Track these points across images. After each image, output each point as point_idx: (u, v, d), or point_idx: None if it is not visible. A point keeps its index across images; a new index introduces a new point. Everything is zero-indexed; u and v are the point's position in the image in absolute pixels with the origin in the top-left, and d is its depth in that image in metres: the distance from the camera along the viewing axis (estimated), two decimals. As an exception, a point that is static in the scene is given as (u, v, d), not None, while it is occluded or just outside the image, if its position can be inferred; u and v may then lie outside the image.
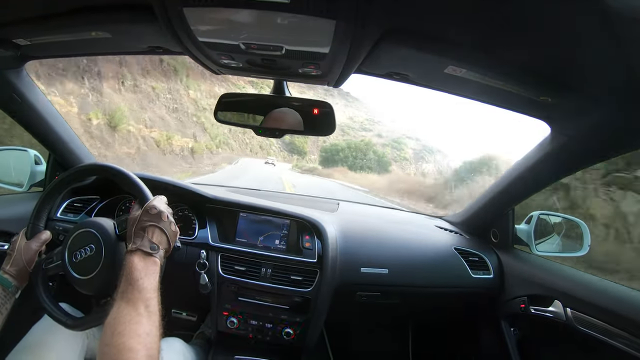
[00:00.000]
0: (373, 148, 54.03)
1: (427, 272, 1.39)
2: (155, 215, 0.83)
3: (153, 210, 0.84)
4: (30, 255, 0.94)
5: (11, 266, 0.91)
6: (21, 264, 0.92)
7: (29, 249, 0.94)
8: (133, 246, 0.79)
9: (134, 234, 0.81)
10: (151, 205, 0.85)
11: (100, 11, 0.74)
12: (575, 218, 1.33)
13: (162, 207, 0.86)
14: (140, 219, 0.83)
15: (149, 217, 0.83)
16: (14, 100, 1.15)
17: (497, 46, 0.69)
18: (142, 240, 0.79)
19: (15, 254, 0.92)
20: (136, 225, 0.82)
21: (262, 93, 1.07)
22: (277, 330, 1.28)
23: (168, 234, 0.84)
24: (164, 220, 0.84)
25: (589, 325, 1.05)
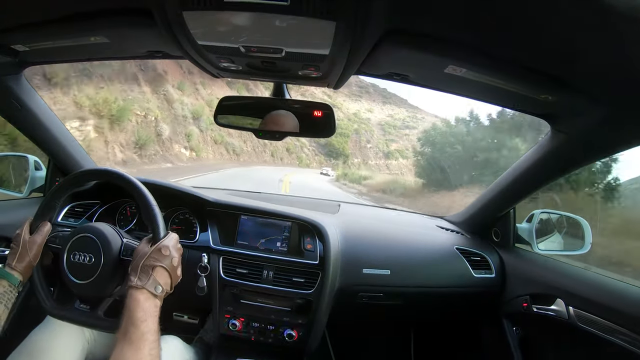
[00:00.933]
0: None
1: (429, 273, 1.39)
2: (166, 257, 0.82)
3: (165, 251, 0.83)
4: (36, 249, 0.93)
5: (17, 262, 0.91)
6: (27, 259, 0.92)
7: (34, 243, 0.93)
8: (139, 283, 0.77)
9: (140, 269, 0.80)
10: (164, 245, 0.84)
11: (98, 16, 0.74)
12: (576, 216, 1.33)
13: (173, 249, 0.85)
14: (150, 255, 0.81)
15: (160, 257, 0.82)
16: (13, 106, 1.14)
17: (497, 45, 0.69)
18: (148, 280, 0.78)
19: (21, 249, 0.92)
20: (145, 261, 0.81)
21: (262, 96, 1.07)
22: (279, 332, 1.28)
23: (172, 278, 0.83)
24: (173, 265, 0.83)
25: (592, 324, 1.04)
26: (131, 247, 0.92)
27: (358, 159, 44.24)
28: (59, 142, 1.34)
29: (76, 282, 0.90)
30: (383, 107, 54.66)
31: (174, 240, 0.88)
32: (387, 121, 53.20)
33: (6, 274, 0.89)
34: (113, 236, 0.93)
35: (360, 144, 46.08)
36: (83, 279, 0.90)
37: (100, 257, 0.89)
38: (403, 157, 45.29)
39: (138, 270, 0.79)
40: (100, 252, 0.90)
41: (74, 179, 1.03)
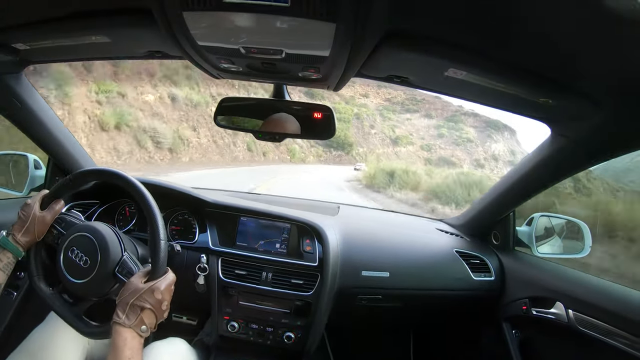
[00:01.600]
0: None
1: (428, 275, 1.38)
2: (157, 300, 0.80)
3: (158, 294, 0.80)
4: (43, 227, 0.94)
5: (23, 235, 0.91)
6: (33, 235, 0.92)
7: (43, 220, 0.93)
8: (127, 322, 0.76)
9: (129, 307, 0.77)
10: (158, 287, 0.81)
11: (99, 16, 0.74)
12: (575, 219, 1.33)
13: (166, 292, 0.82)
14: (142, 296, 0.79)
15: (151, 299, 0.79)
16: (13, 105, 1.15)
17: (497, 48, 0.69)
18: (136, 320, 0.76)
19: (29, 223, 0.91)
20: (135, 300, 0.78)
21: (262, 97, 1.07)
22: (278, 334, 1.28)
23: (158, 319, 0.82)
24: (162, 309, 0.81)
25: (591, 327, 1.04)
26: (128, 266, 0.89)
27: (364, 147, 38.05)
28: (59, 141, 1.34)
29: (68, 279, 0.91)
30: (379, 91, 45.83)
31: (169, 282, 0.84)
32: (385, 106, 45.41)
33: (12, 247, 0.89)
34: (114, 247, 0.91)
35: (363, 130, 40.01)
36: (75, 278, 0.90)
37: (96, 263, 0.89)
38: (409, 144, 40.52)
39: (127, 307, 0.77)
40: (97, 258, 0.89)
41: (92, 174, 1.02)
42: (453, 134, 41.05)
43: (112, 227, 0.97)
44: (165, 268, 0.86)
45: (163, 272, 0.84)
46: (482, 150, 38.53)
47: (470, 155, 36.62)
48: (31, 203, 0.94)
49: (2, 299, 1.38)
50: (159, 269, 0.84)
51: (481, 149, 38.53)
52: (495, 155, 36.99)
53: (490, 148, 38.90)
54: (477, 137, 40.78)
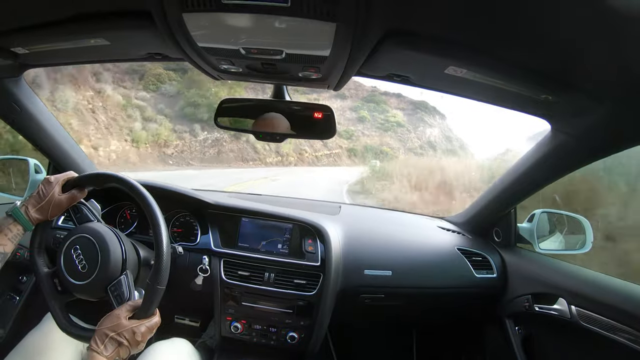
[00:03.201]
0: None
1: (430, 273, 1.38)
2: (135, 341, 0.79)
3: (138, 336, 0.80)
4: (58, 210, 0.92)
5: (36, 212, 0.90)
6: (45, 214, 0.91)
7: (60, 203, 0.92)
8: (104, 352, 0.76)
9: (108, 339, 0.77)
10: (139, 331, 0.80)
11: (98, 18, 0.74)
12: (577, 215, 1.33)
13: (147, 335, 0.82)
14: (121, 333, 0.78)
15: (130, 338, 0.79)
16: (13, 109, 1.14)
17: (497, 46, 0.69)
18: (112, 352, 0.77)
19: (45, 202, 0.90)
20: (114, 334, 0.78)
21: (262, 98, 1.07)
22: (281, 334, 1.28)
23: (131, 353, 0.81)
24: (139, 348, 0.81)
25: (594, 322, 1.04)
26: (120, 290, 0.88)
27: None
28: (59, 145, 1.34)
29: (64, 273, 0.91)
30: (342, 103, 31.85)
31: (152, 325, 0.83)
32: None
33: (23, 220, 0.89)
34: (115, 264, 0.90)
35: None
36: (70, 276, 0.91)
37: (93, 273, 0.89)
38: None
39: (105, 339, 0.77)
40: (95, 268, 0.89)
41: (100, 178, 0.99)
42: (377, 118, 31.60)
43: (118, 235, 0.96)
44: (154, 310, 0.85)
45: (150, 315, 0.83)
46: (415, 137, 30.35)
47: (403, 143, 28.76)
48: (53, 182, 0.92)
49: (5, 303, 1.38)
50: (148, 311, 0.83)
51: (414, 135, 30.34)
52: (431, 142, 29.36)
53: (425, 133, 31.10)
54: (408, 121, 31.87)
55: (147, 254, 1.03)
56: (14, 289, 1.41)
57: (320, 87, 0.95)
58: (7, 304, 1.38)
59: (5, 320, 1.35)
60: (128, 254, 0.95)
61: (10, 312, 1.37)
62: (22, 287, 1.41)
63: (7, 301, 1.38)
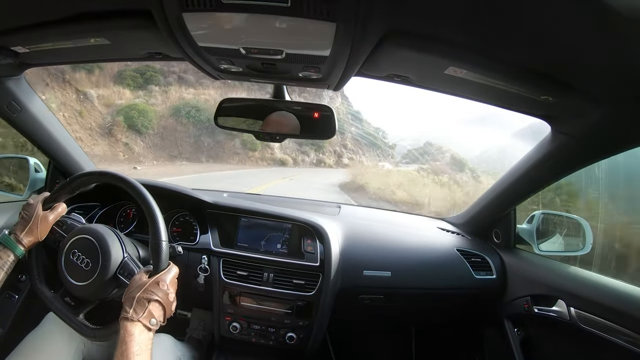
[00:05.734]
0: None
1: (429, 274, 1.38)
2: (164, 292, 0.80)
3: (163, 285, 0.80)
4: (45, 227, 0.93)
5: (25, 235, 0.91)
6: (35, 235, 0.92)
7: (46, 220, 0.93)
8: (135, 316, 0.75)
9: (136, 301, 0.77)
10: (163, 279, 0.81)
11: (99, 18, 0.74)
12: (576, 216, 1.33)
13: (171, 284, 0.83)
14: (147, 288, 0.79)
15: (157, 290, 0.79)
16: (13, 108, 1.14)
17: (497, 47, 0.69)
18: (144, 313, 0.76)
19: (32, 223, 0.91)
20: (141, 293, 0.78)
21: (262, 98, 1.07)
22: (280, 334, 1.28)
23: (166, 311, 0.81)
24: (169, 300, 0.81)
25: (593, 324, 1.04)
26: (129, 268, 0.90)
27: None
28: (59, 144, 1.34)
29: (70, 281, 0.91)
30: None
31: (173, 274, 0.85)
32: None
33: (13, 246, 0.89)
34: (115, 249, 0.91)
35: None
36: (77, 280, 0.91)
37: (98, 265, 0.89)
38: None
39: (134, 302, 0.76)
40: (98, 260, 0.89)
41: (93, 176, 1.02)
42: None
43: (112, 229, 0.97)
44: (168, 262, 0.86)
45: (166, 266, 0.85)
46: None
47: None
48: (33, 203, 0.94)
49: (4, 302, 1.38)
50: (163, 264, 0.85)
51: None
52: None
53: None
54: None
55: (146, 254, 1.03)
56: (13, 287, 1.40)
57: (321, 87, 0.96)
58: (6, 303, 1.37)
59: (4, 319, 1.34)
60: (126, 245, 0.95)
61: (9, 310, 1.36)
62: (21, 286, 1.40)
63: (6, 300, 1.38)
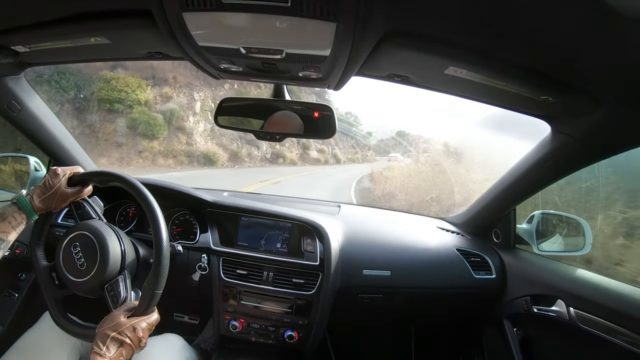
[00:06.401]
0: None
1: (429, 274, 1.38)
2: (137, 338, 0.80)
3: (139, 332, 0.80)
4: (62, 202, 0.93)
5: (41, 202, 0.90)
6: (49, 206, 0.91)
7: (65, 196, 0.92)
8: (106, 353, 0.75)
9: (110, 339, 0.77)
10: (140, 326, 0.81)
11: (99, 17, 0.74)
12: (576, 217, 1.33)
13: (146, 331, 0.83)
14: (123, 331, 0.79)
15: (132, 335, 0.79)
16: (13, 107, 1.15)
17: (497, 47, 0.69)
18: (115, 353, 0.76)
19: (50, 194, 0.90)
20: (116, 333, 0.78)
21: (262, 97, 1.07)
22: (279, 333, 1.28)
23: (134, 353, 0.81)
24: (141, 346, 0.82)
25: (592, 324, 1.04)
26: (118, 289, 0.88)
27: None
28: (59, 143, 1.34)
29: (62, 269, 0.92)
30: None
31: (152, 323, 0.84)
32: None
33: (28, 209, 0.88)
34: (114, 263, 0.91)
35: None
36: (68, 272, 0.91)
37: (91, 271, 0.89)
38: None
39: (107, 340, 0.77)
40: (94, 267, 0.90)
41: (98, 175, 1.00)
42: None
43: (118, 234, 0.96)
44: (153, 309, 0.86)
45: (149, 313, 0.85)
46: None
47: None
48: (60, 174, 0.92)
49: (4, 300, 1.38)
50: (146, 310, 0.84)
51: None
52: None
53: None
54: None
55: (146, 253, 1.04)
56: (13, 286, 1.41)
57: (321, 87, 0.96)
58: (6, 301, 1.38)
59: (4, 317, 1.35)
60: (127, 253, 0.95)
61: (9, 309, 1.37)
62: (21, 285, 1.41)
63: (6, 298, 1.38)
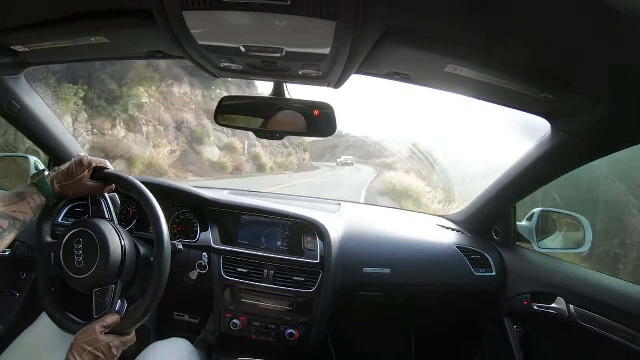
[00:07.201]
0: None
1: (429, 271, 1.39)
2: (112, 355, 0.81)
3: (114, 350, 0.81)
4: (79, 193, 0.92)
5: (60, 187, 0.89)
6: (68, 192, 0.91)
7: (85, 188, 0.92)
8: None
9: (86, 353, 0.78)
10: (117, 345, 0.82)
11: (99, 17, 0.74)
12: (576, 214, 1.33)
13: (121, 350, 0.83)
14: (99, 347, 0.79)
15: (107, 352, 0.80)
16: (13, 107, 1.15)
17: (497, 45, 0.69)
18: None
19: (71, 182, 0.90)
20: (92, 349, 0.79)
21: (262, 95, 1.07)
22: (280, 331, 1.28)
23: None
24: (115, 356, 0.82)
25: (592, 322, 1.05)
26: (106, 297, 0.88)
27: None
28: (60, 143, 1.34)
29: (63, 268, 0.92)
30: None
31: (127, 343, 0.85)
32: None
33: (47, 191, 0.88)
34: (111, 270, 0.91)
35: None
36: (66, 267, 0.91)
37: (87, 272, 0.89)
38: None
39: (83, 353, 0.78)
40: (91, 268, 0.90)
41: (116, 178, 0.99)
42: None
43: (122, 240, 0.96)
44: (131, 331, 0.86)
45: (127, 333, 0.85)
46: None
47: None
48: (86, 165, 0.91)
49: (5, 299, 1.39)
50: (127, 329, 0.85)
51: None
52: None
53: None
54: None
55: (146, 252, 1.04)
56: (14, 285, 1.41)
57: (321, 85, 0.95)
58: (7, 301, 1.38)
59: (5, 316, 1.35)
60: (127, 260, 0.94)
61: (10, 308, 1.37)
62: (22, 284, 1.41)
63: (7, 298, 1.39)
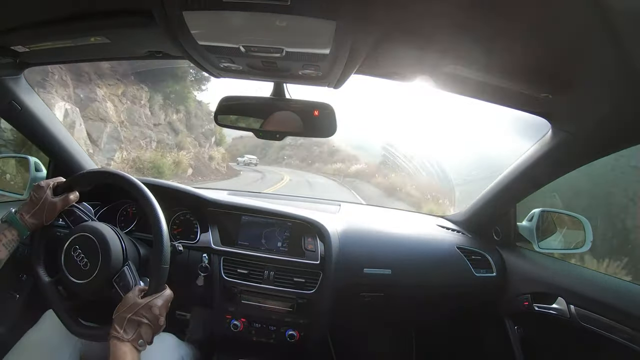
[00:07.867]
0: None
1: (430, 272, 1.38)
2: (154, 316, 0.81)
3: (155, 310, 0.82)
4: (52, 213, 0.93)
5: (31, 217, 0.91)
6: (41, 219, 0.92)
7: (54, 207, 0.93)
8: (125, 336, 0.76)
9: (127, 321, 0.78)
10: (155, 303, 0.82)
11: (99, 17, 0.74)
12: (576, 214, 1.33)
13: (163, 308, 0.84)
14: (139, 311, 0.80)
15: (149, 314, 0.80)
16: (13, 108, 1.15)
17: (497, 45, 0.69)
18: (134, 334, 0.78)
19: (39, 207, 0.91)
20: (132, 315, 0.79)
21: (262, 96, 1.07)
22: (280, 332, 1.28)
23: (154, 333, 0.82)
24: (160, 325, 0.83)
25: (593, 322, 1.04)
26: (126, 279, 0.89)
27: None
28: (60, 143, 1.34)
29: (67, 276, 0.92)
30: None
31: (167, 298, 0.86)
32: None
33: (19, 225, 0.89)
34: (116, 255, 0.91)
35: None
36: (74, 277, 0.91)
37: (96, 268, 0.90)
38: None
39: (124, 322, 0.78)
40: (97, 263, 0.90)
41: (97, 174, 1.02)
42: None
43: (117, 232, 0.97)
44: (164, 285, 0.87)
45: (161, 289, 0.86)
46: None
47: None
48: (44, 187, 0.93)
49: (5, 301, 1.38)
50: (158, 288, 0.85)
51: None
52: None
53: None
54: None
55: (146, 252, 1.04)
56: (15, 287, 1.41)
57: (321, 85, 0.96)
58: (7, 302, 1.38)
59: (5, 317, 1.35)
60: (128, 248, 0.95)
61: (10, 309, 1.37)
62: (23, 285, 1.41)
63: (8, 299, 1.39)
